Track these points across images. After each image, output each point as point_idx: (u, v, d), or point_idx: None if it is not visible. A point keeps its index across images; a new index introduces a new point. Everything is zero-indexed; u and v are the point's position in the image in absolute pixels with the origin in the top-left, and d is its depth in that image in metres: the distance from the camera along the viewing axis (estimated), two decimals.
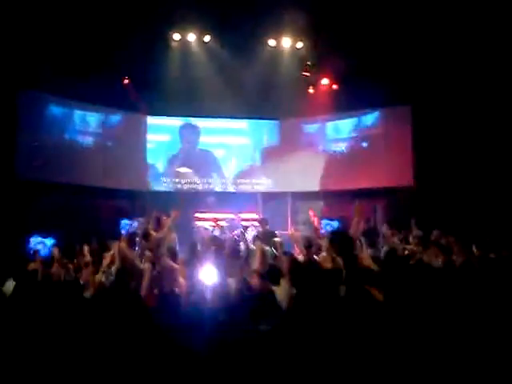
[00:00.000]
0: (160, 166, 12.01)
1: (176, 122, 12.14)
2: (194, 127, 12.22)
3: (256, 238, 7.39)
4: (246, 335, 3.32)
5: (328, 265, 4.38)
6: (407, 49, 9.74)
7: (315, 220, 8.38)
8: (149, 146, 11.86)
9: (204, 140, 12.27)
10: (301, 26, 10.38)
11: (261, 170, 12.42)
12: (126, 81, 10.91)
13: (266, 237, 7.54)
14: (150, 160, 11.88)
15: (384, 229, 7.78)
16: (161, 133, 12.08)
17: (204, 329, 3.39)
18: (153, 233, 6.63)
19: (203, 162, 12.21)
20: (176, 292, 4.68)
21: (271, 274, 4.44)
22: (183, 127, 12.17)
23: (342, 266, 3.86)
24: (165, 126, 12.13)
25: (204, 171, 12.17)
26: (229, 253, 5.89)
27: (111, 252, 5.63)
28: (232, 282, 4.74)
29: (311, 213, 8.39)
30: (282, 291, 4.15)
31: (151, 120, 11.91)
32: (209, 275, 4.71)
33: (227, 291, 4.47)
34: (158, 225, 6.61)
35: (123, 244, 6.32)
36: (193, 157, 12.23)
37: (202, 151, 12.31)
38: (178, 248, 6.73)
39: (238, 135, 12.51)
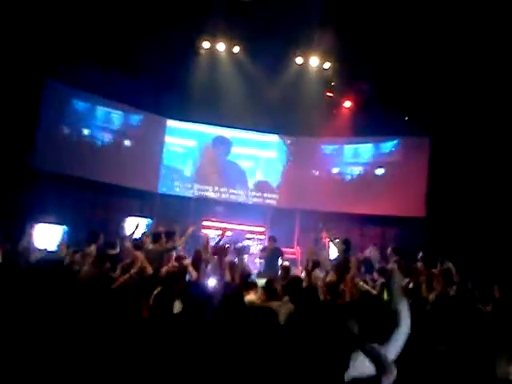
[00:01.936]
0: (176, 169, 12.07)
1: (197, 127, 12.21)
2: (227, 140, 12.36)
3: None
4: None
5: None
6: (432, 81, 9.73)
7: (327, 241, 8.37)
8: (167, 149, 11.97)
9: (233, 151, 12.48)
10: (329, 47, 10.45)
11: (274, 185, 12.45)
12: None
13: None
14: (166, 163, 11.96)
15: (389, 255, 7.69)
16: (181, 137, 12.14)
17: None
18: (149, 245, 6.70)
19: (230, 173, 12.39)
20: None
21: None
22: (217, 139, 12.34)
23: None
24: (185, 130, 12.18)
25: (228, 181, 12.30)
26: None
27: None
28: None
29: (324, 234, 8.42)
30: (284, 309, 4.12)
31: (172, 123, 12.00)
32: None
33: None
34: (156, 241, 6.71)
35: (129, 245, 6.36)
36: (221, 167, 12.38)
37: (230, 162, 12.46)
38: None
39: (265, 148, 12.59)
